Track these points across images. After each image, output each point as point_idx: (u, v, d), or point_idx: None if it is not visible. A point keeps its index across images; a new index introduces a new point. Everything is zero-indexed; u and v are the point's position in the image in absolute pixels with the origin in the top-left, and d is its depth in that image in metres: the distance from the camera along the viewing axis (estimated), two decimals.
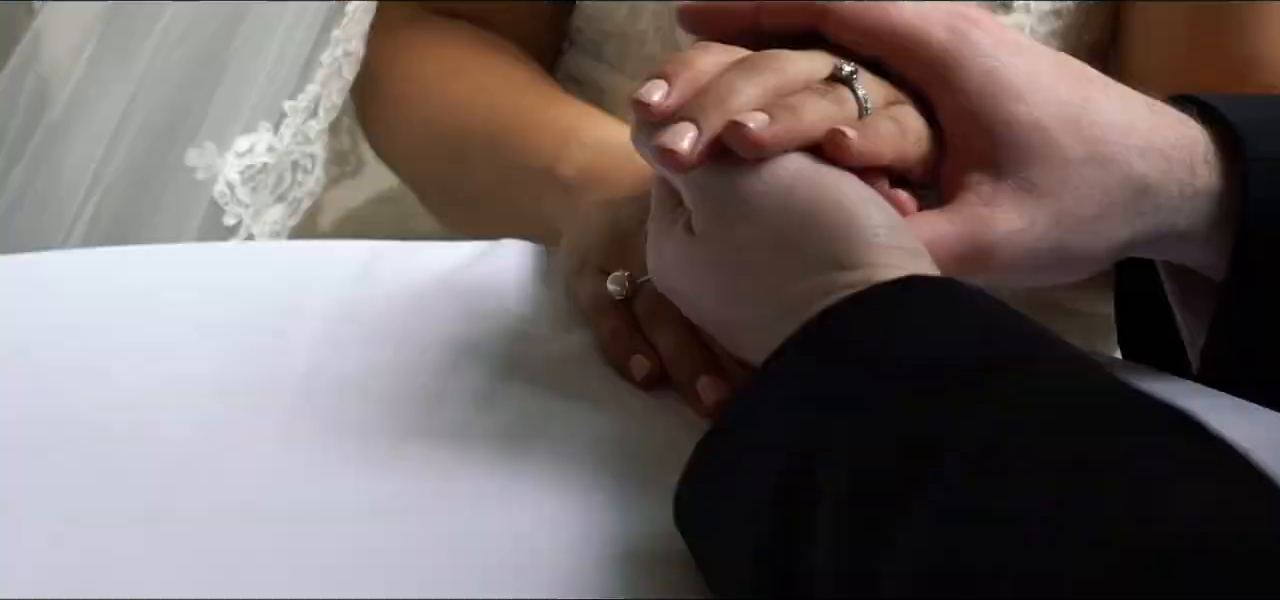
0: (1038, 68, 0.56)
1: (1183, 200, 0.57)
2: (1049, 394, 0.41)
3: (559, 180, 0.74)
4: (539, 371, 0.61)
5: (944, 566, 0.36)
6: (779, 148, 0.52)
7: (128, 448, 0.55)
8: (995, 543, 0.36)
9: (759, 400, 0.47)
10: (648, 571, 0.49)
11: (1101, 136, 0.56)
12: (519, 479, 0.53)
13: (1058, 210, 0.56)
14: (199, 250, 0.76)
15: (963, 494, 0.38)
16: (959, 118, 0.56)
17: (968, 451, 0.39)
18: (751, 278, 0.51)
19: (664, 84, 0.54)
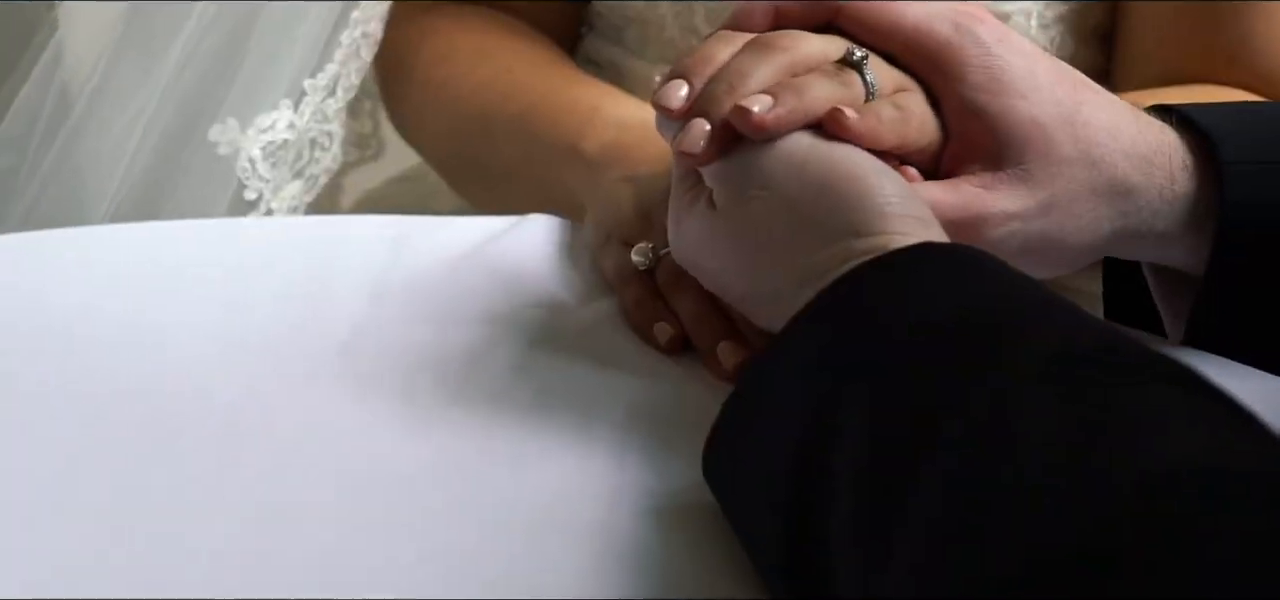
0: (1036, 68, 0.59)
1: (1162, 203, 0.59)
2: (1055, 352, 0.43)
3: (582, 157, 0.76)
4: (569, 338, 0.64)
5: (955, 534, 0.38)
6: (784, 128, 0.55)
7: (179, 413, 0.57)
8: (1004, 508, 0.38)
9: (779, 364, 0.49)
10: (679, 525, 0.51)
11: (1092, 138, 0.58)
12: (555, 439, 0.56)
13: (1048, 201, 0.58)
14: (234, 225, 0.78)
15: (972, 461, 0.40)
16: (961, 110, 0.59)
17: (977, 417, 0.41)
18: (770, 250, 0.54)
19: (684, 84, 0.57)
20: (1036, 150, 0.58)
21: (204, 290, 0.66)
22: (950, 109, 0.59)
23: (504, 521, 0.51)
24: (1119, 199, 0.59)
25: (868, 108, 0.56)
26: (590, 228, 0.71)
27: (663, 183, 0.69)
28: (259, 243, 0.73)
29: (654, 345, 0.64)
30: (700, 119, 0.56)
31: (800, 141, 0.55)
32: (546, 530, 0.51)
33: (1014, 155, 0.58)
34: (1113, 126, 0.59)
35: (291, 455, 0.55)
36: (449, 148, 0.90)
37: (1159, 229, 0.60)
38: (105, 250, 0.70)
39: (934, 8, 0.60)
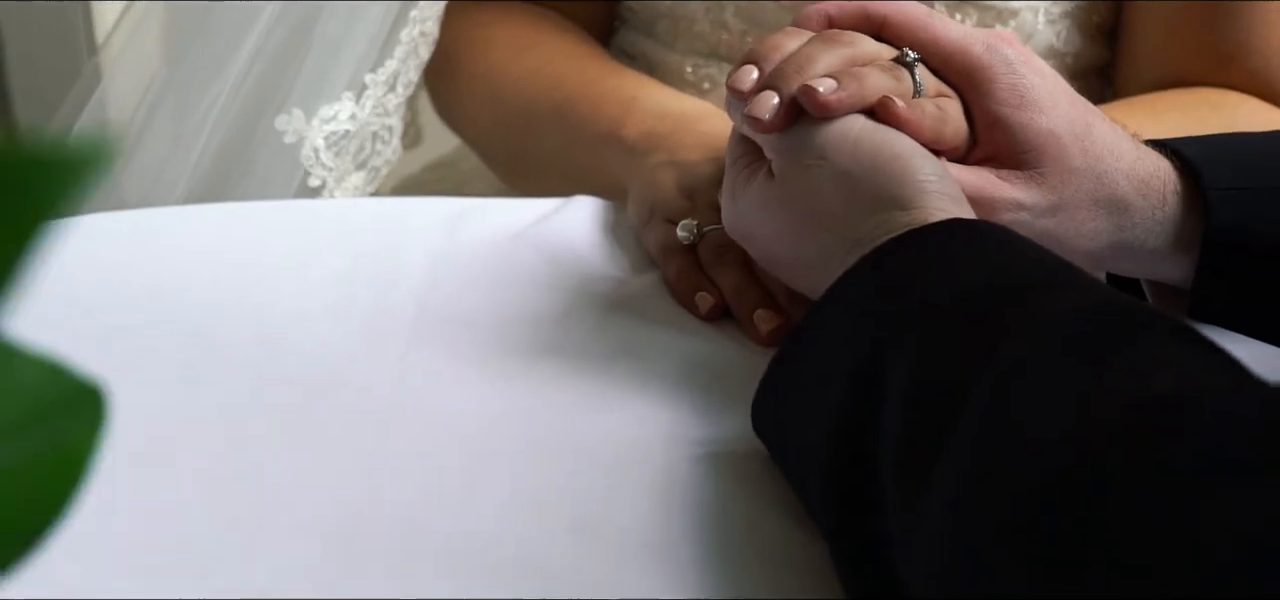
0: (1055, 90, 0.65)
1: (1154, 222, 0.65)
2: (1070, 310, 0.48)
3: (623, 143, 0.81)
4: (618, 305, 0.69)
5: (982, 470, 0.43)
6: (843, 109, 0.60)
7: (270, 373, 0.62)
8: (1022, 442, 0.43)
9: (828, 318, 0.54)
10: (730, 469, 0.56)
11: (1099, 154, 0.64)
12: (614, 393, 0.61)
13: (1056, 203, 0.64)
14: (305, 206, 0.83)
15: (997, 404, 0.45)
16: (988, 119, 0.64)
17: (1002, 369, 0.46)
18: (822, 216, 0.59)
19: (755, 69, 0.62)
20: (1050, 158, 0.63)
21: (284, 264, 0.70)
22: (979, 118, 0.64)
23: (577, 465, 0.56)
24: (1117, 213, 0.64)
25: (914, 102, 0.62)
26: (633, 208, 0.76)
27: (703, 167, 0.74)
28: (328, 221, 0.77)
29: (695, 313, 0.69)
30: (770, 91, 0.61)
31: (855, 122, 0.60)
32: (614, 473, 0.55)
33: (1031, 160, 0.63)
34: (1116, 149, 0.64)
35: (382, 409, 0.59)
36: (494, 137, 0.95)
37: (1151, 245, 0.65)
38: (191, 228, 0.75)
39: (969, 29, 0.65)
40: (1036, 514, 0.41)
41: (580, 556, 0.51)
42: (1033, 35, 0.90)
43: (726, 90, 0.64)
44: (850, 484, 0.49)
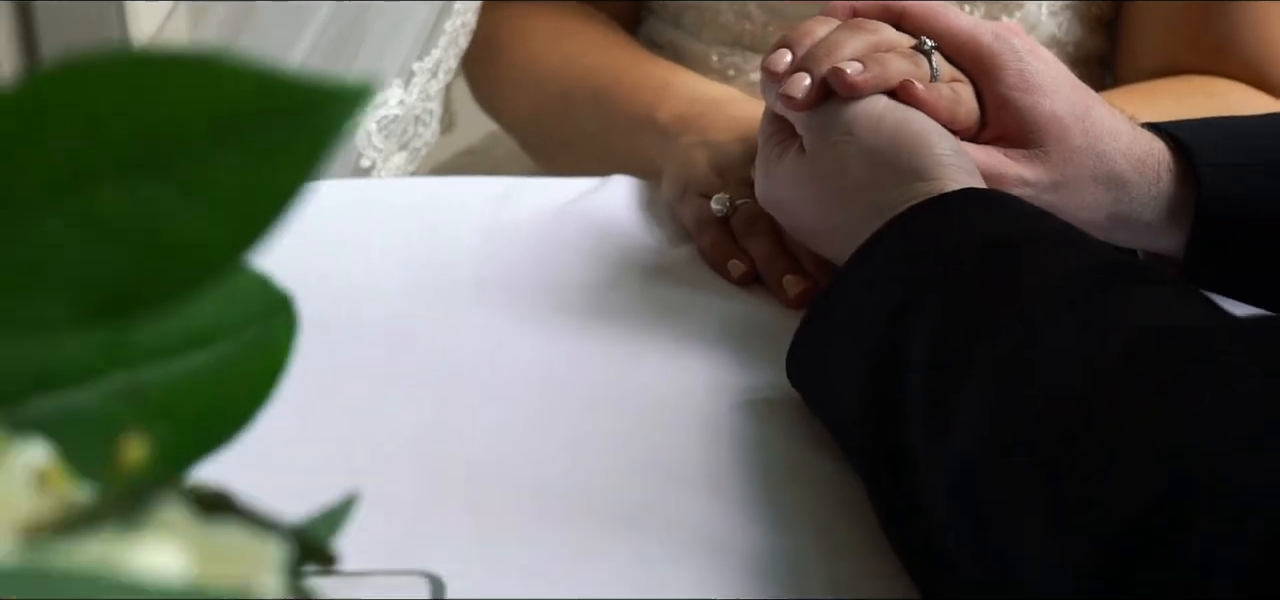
0: (1058, 75, 0.70)
1: (1149, 197, 0.70)
2: (1074, 264, 0.54)
3: (657, 126, 0.87)
4: (660, 272, 0.75)
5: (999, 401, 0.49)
6: (868, 90, 0.66)
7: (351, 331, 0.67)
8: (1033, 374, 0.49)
9: (861, 272, 0.60)
10: (765, 412, 0.62)
11: (1098, 135, 0.70)
12: (660, 348, 0.67)
13: (1058, 179, 0.69)
14: (364, 184, 0.89)
15: (1012, 345, 0.51)
16: (997, 102, 0.70)
17: (1016, 314, 0.52)
18: (849, 187, 0.65)
19: (788, 53, 0.68)
20: (1054, 138, 0.69)
21: (350, 237, 0.76)
22: (989, 101, 0.70)
23: (631, 412, 0.62)
24: (1115, 188, 0.70)
25: (931, 86, 0.68)
26: (667, 185, 0.82)
27: (733, 147, 0.80)
28: (386, 198, 0.83)
29: (728, 279, 0.75)
30: (803, 73, 0.66)
31: (878, 102, 0.66)
32: (664, 418, 0.61)
33: (1036, 140, 0.69)
34: (1114, 130, 0.70)
35: (454, 363, 0.65)
36: (533, 122, 1.00)
37: (1146, 218, 0.71)
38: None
39: (980, 21, 0.71)
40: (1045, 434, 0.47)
41: (640, 490, 0.57)
42: (1037, 26, 0.96)
43: (761, 72, 0.70)
44: (880, 421, 0.55)
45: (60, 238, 0.22)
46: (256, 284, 0.31)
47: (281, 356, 0.31)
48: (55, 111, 0.22)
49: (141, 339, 0.29)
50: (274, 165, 0.23)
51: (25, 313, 0.23)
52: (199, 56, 0.22)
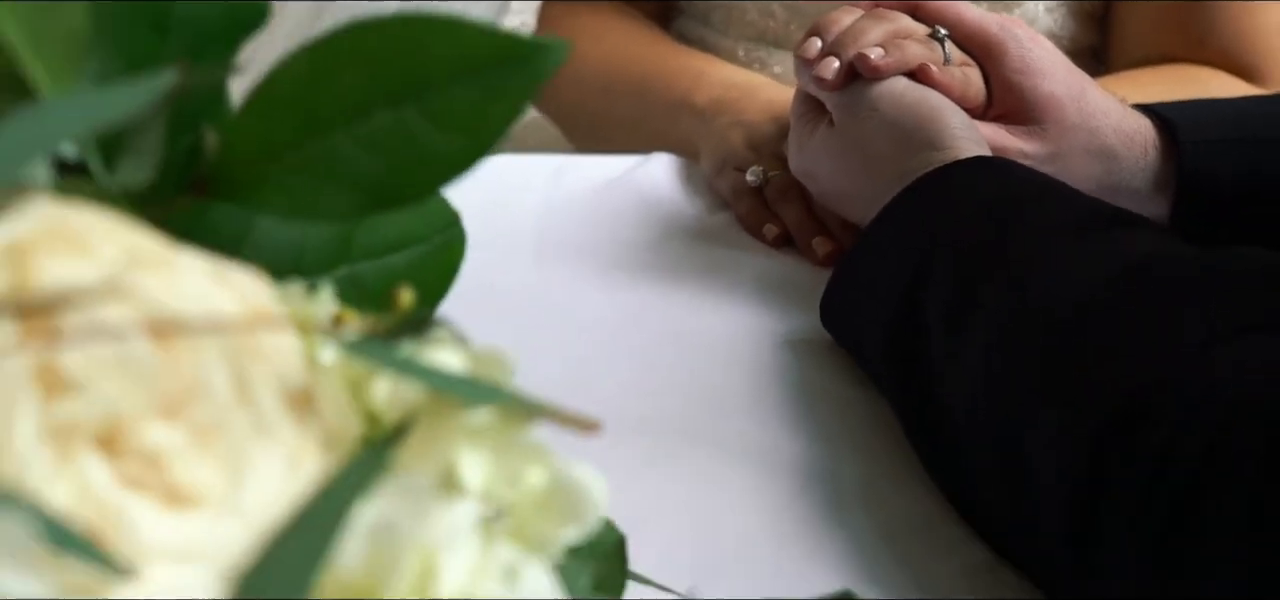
0: (1056, 60, 0.79)
1: (1137, 168, 0.79)
2: (1070, 213, 0.63)
3: (694, 109, 0.96)
4: (703, 235, 0.84)
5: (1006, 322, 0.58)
6: (890, 72, 0.75)
7: None
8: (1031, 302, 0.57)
9: (886, 229, 0.69)
10: (803, 350, 0.71)
11: (1091, 113, 0.79)
12: (708, 299, 0.75)
13: (1054, 152, 0.78)
14: None
15: (1015, 279, 0.59)
16: (1001, 84, 0.79)
17: (1019, 254, 0.60)
18: (873, 157, 0.74)
19: (818, 40, 0.77)
20: (1051, 116, 0.78)
21: None
22: (994, 83, 0.79)
23: (687, 351, 0.71)
24: (1106, 160, 0.79)
25: (945, 69, 0.77)
26: (706, 161, 0.91)
27: (766, 126, 0.89)
28: None
29: (763, 241, 0.84)
30: (832, 57, 0.75)
31: (899, 82, 0.75)
32: (716, 357, 0.70)
33: (1035, 117, 0.78)
34: (1105, 109, 0.79)
35: (524, 312, 0.74)
36: (578, 109, 1.10)
37: (1135, 187, 0.80)
38: None
39: (986, 12, 0.80)
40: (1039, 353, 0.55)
41: (696, 414, 0.66)
42: (1035, 21, 1.05)
43: (795, 58, 0.79)
44: (904, 351, 0.64)
45: (348, 150, 0.31)
46: (440, 203, 0.40)
47: (455, 262, 0.40)
48: (346, 57, 0.31)
49: (360, 241, 0.38)
50: (498, 100, 0.31)
51: (324, 205, 0.31)
52: (448, 18, 0.31)
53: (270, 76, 0.31)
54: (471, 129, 0.32)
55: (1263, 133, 0.80)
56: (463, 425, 0.27)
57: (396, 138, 0.31)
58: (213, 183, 0.31)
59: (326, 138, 0.31)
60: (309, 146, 0.31)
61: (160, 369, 0.24)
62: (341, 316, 0.30)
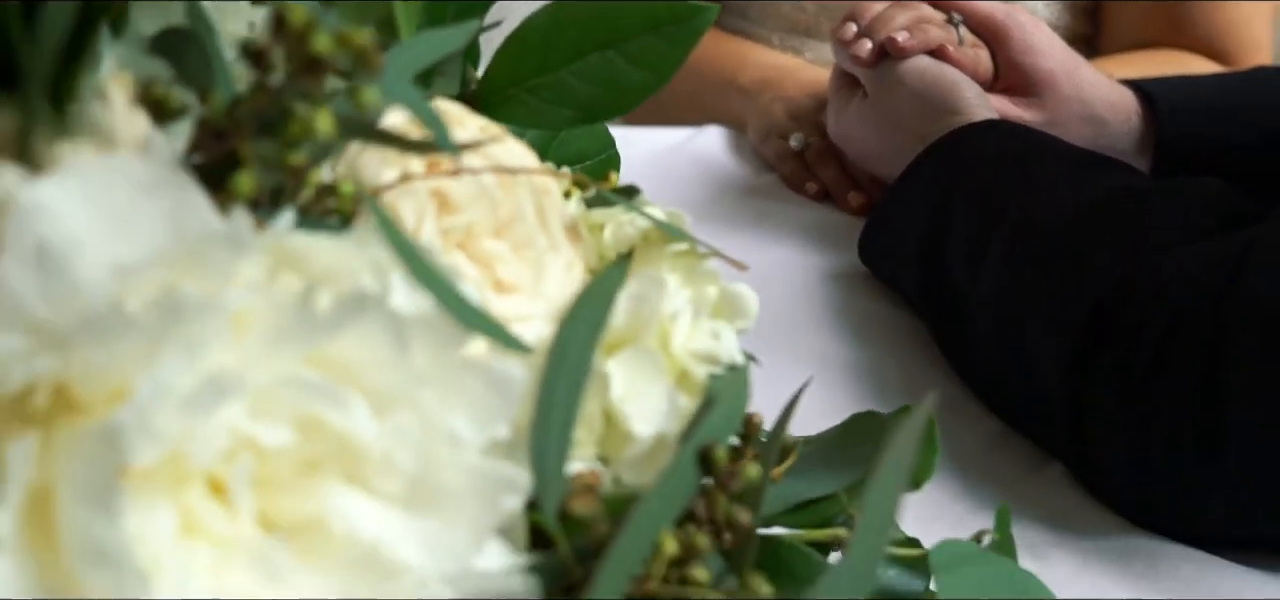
0: (1053, 41, 0.93)
1: (1122, 133, 0.93)
2: (1071, 156, 0.77)
3: (740, 88, 1.10)
4: (753, 191, 0.98)
5: (1016, 251, 0.72)
6: (915, 52, 0.89)
7: None
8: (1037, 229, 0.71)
9: (913, 182, 0.82)
10: (846, 280, 0.85)
11: (1083, 86, 0.93)
12: (763, 239, 0.89)
13: (1051, 120, 0.92)
14: None
15: (1023, 215, 0.73)
16: (1006, 62, 0.93)
17: (1027, 195, 0.74)
18: (901, 123, 0.88)
19: (853, 25, 0.91)
20: (1048, 89, 0.92)
21: None
22: (1000, 61, 0.93)
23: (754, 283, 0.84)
24: (1096, 126, 0.93)
25: (960, 48, 0.91)
26: (752, 131, 1.05)
27: (804, 101, 1.03)
28: None
29: (804, 196, 0.97)
30: (865, 39, 0.89)
31: (922, 60, 0.89)
32: (774, 286, 0.84)
33: (1035, 91, 0.92)
34: (1095, 82, 0.93)
35: None
36: None
37: (1120, 148, 0.93)
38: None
39: (994, 3, 0.94)
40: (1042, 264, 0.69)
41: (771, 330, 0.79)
42: (1034, 13, 1.19)
43: (833, 40, 0.92)
44: (933, 275, 0.78)
45: (569, 81, 0.45)
46: (602, 130, 0.54)
47: (613, 168, 0.53)
48: (571, 17, 0.45)
49: (552, 152, 0.52)
50: (673, 45, 0.45)
51: (551, 118, 0.45)
52: None
53: (519, 29, 0.45)
54: (654, 67, 0.45)
55: (1228, 104, 0.94)
56: (665, 253, 0.41)
57: (602, 72, 0.45)
58: (478, 100, 0.45)
59: (555, 72, 0.45)
60: (543, 78, 0.45)
61: (499, 200, 0.37)
62: (579, 180, 0.44)
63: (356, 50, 0.28)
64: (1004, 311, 0.71)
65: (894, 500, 0.32)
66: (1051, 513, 0.63)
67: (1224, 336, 0.58)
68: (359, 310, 0.29)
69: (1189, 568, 0.59)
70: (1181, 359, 0.59)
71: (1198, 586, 0.58)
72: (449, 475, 0.31)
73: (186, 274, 0.29)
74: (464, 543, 0.31)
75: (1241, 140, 0.93)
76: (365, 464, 0.30)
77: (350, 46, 0.28)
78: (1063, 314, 0.66)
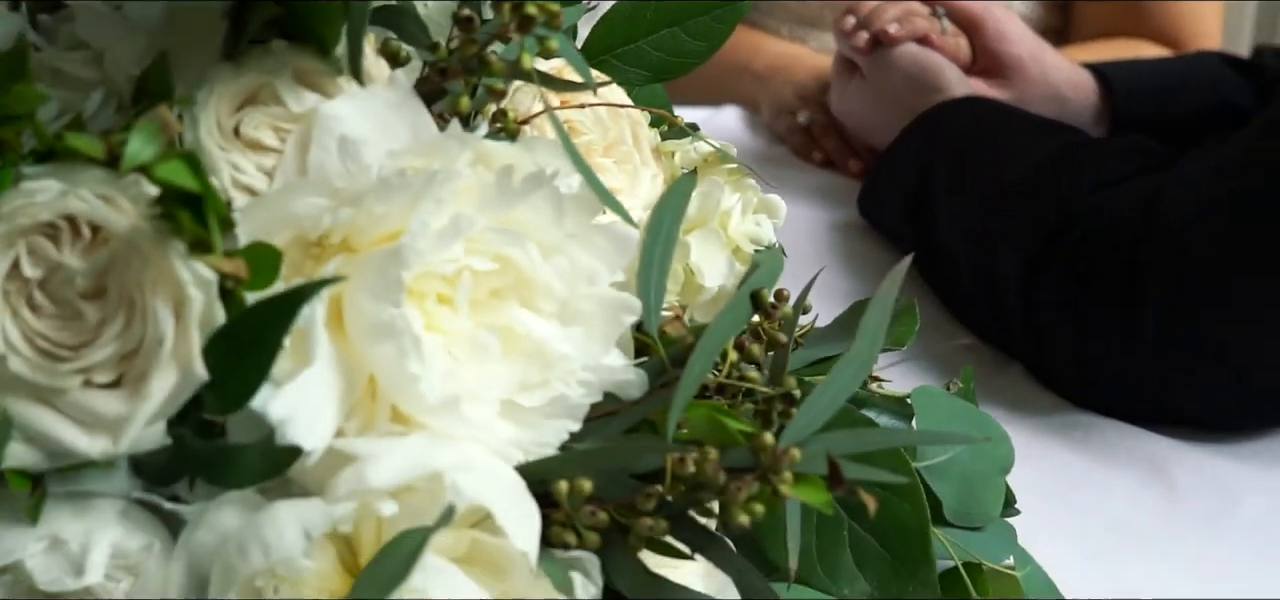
0: (1023, 32, 1.09)
1: (1083, 108, 1.09)
2: (1026, 125, 0.93)
3: (753, 73, 1.26)
4: (768, 159, 1.13)
5: (993, 193, 0.87)
6: (904, 40, 1.05)
7: None
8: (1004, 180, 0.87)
9: (903, 149, 0.98)
10: (846, 230, 1.01)
11: (1049, 69, 1.09)
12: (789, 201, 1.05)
13: (1020, 97, 1.08)
14: None
15: (994, 166, 0.89)
16: (982, 48, 1.08)
17: (1002, 148, 0.90)
18: (893, 100, 1.03)
19: (853, 17, 1.07)
20: (1017, 72, 1.08)
21: None
22: (976, 48, 1.09)
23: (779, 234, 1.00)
24: (1060, 103, 1.09)
25: (943, 36, 1.06)
26: (765, 110, 1.21)
27: (811, 84, 1.19)
28: None
29: (811, 164, 1.13)
30: (862, 30, 1.05)
31: (910, 47, 1.04)
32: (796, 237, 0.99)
33: (1006, 73, 1.08)
34: (1059, 66, 1.09)
35: None
36: None
37: (1081, 122, 1.09)
38: None
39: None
40: (1007, 205, 0.85)
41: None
42: (1010, 9, 1.35)
43: (835, 30, 1.08)
44: (919, 221, 0.93)
45: (645, 49, 0.60)
46: (661, 88, 0.69)
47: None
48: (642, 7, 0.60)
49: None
50: (722, 22, 0.61)
51: (629, 76, 0.61)
52: None
53: (609, 12, 0.61)
54: (707, 39, 0.61)
55: (1172, 83, 1.10)
56: (721, 169, 0.57)
57: (670, 44, 0.61)
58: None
59: (635, 43, 0.61)
60: (627, 47, 0.61)
61: (608, 127, 0.53)
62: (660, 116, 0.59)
63: (549, 13, 0.43)
64: (975, 243, 0.86)
65: (886, 317, 0.47)
66: (1011, 400, 0.79)
67: (1142, 255, 0.74)
68: (536, 186, 0.45)
69: (1115, 434, 0.75)
70: (1110, 273, 0.75)
71: (1118, 448, 0.73)
72: (587, 302, 0.47)
73: (427, 161, 0.44)
74: (597, 347, 0.47)
75: (1181, 113, 1.09)
76: (534, 291, 0.46)
77: (546, 10, 0.43)
78: (1021, 242, 0.81)
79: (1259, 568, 0.64)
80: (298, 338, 0.41)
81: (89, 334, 0.39)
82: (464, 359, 0.44)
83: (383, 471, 0.40)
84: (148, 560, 0.41)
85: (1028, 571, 0.60)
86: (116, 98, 0.45)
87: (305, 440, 0.40)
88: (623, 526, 0.43)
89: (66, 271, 0.38)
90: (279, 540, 0.39)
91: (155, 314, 0.38)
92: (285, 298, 0.39)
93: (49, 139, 0.39)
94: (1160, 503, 0.69)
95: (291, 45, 0.46)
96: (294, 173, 0.44)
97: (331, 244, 0.44)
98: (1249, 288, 0.71)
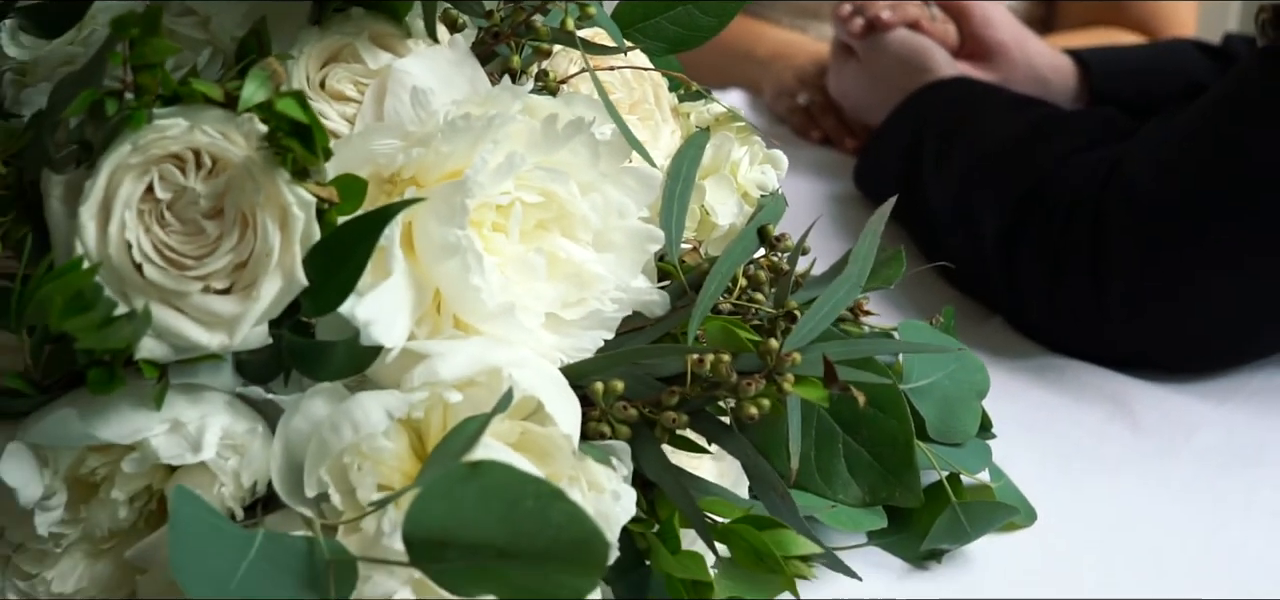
0: (1006, 18, 1.16)
1: (1063, 91, 1.16)
2: (1007, 101, 1.00)
3: (756, 58, 1.33)
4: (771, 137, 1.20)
5: (974, 161, 0.94)
6: (896, 26, 1.12)
7: None
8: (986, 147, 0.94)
9: (894, 126, 1.05)
10: (844, 199, 1.08)
11: (1031, 54, 1.16)
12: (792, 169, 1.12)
13: (1004, 80, 1.15)
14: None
15: (976, 134, 0.96)
16: (968, 34, 1.16)
17: (982, 117, 0.97)
18: (886, 82, 1.10)
19: (849, 5, 1.14)
20: (1001, 55, 1.15)
21: None
22: (963, 33, 1.16)
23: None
24: (1042, 85, 1.16)
25: (933, 22, 1.13)
26: (768, 92, 1.28)
27: (810, 68, 1.26)
28: None
29: (810, 142, 1.21)
30: (858, 16, 1.12)
31: (902, 31, 1.12)
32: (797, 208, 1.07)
33: (991, 56, 1.15)
34: (1041, 51, 1.16)
35: None
36: None
37: (1061, 103, 1.16)
38: None
39: None
40: (988, 172, 0.92)
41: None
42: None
43: (833, 18, 1.15)
44: (908, 188, 1.00)
45: (664, 23, 0.67)
46: (674, 58, 0.76)
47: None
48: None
49: None
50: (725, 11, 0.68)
51: (651, 49, 0.68)
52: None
53: None
54: (718, 16, 0.68)
55: (1145, 68, 1.17)
56: (731, 126, 0.64)
57: (686, 19, 0.68)
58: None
59: (656, 18, 0.68)
60: (648, 22, 0.68)
61: (634, 87, 0.60)
62: (678, 79, 0.67)
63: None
64: (959, 205, 0.93)
65: (873, 244, 0.55)
66: (993, 346, 0.86)
67: (1107, 213, 0.81)
68: (576, 132, 0.52)
69: (1085, 374, 0.82)
70: (1080, 229, 0.82)
71: (1088, 387, 0.81)
72: (618, 232, 0.54)
73: (484, 109, 0.51)
74: (626, 271, 0.54)
75: (1156, 94, 1.16)
76: (574, 222, 0.53)
77: None
78: (1000, 204, 0.88)
79: (1211, 487, 0.71)
80: (378, 254, 0.48)
81: (209, 247, 0.46)
82: (515, 278, 0.52)
83: (451, 365, 0.47)
84: (252, 442, 0.48)
85: (1001, 484, 0.67)
86: (221, 56, 0.52)
87: (386, 339, 0.47)
88: (649, 421, 0.51)
89: (191, 194, 0.45)
90: (366, 419, 0.46)
91: (265, 229, 0.45)
92: (371, 217, 0.46)
93: (174, 85, 0.46)
94: (1124, 434, 0.76)
95: (368, 12, 0.53)
96: (372, 119, 0.51)
97: (403, 179, 0.51)
98: (1200, 241, 0.78)
